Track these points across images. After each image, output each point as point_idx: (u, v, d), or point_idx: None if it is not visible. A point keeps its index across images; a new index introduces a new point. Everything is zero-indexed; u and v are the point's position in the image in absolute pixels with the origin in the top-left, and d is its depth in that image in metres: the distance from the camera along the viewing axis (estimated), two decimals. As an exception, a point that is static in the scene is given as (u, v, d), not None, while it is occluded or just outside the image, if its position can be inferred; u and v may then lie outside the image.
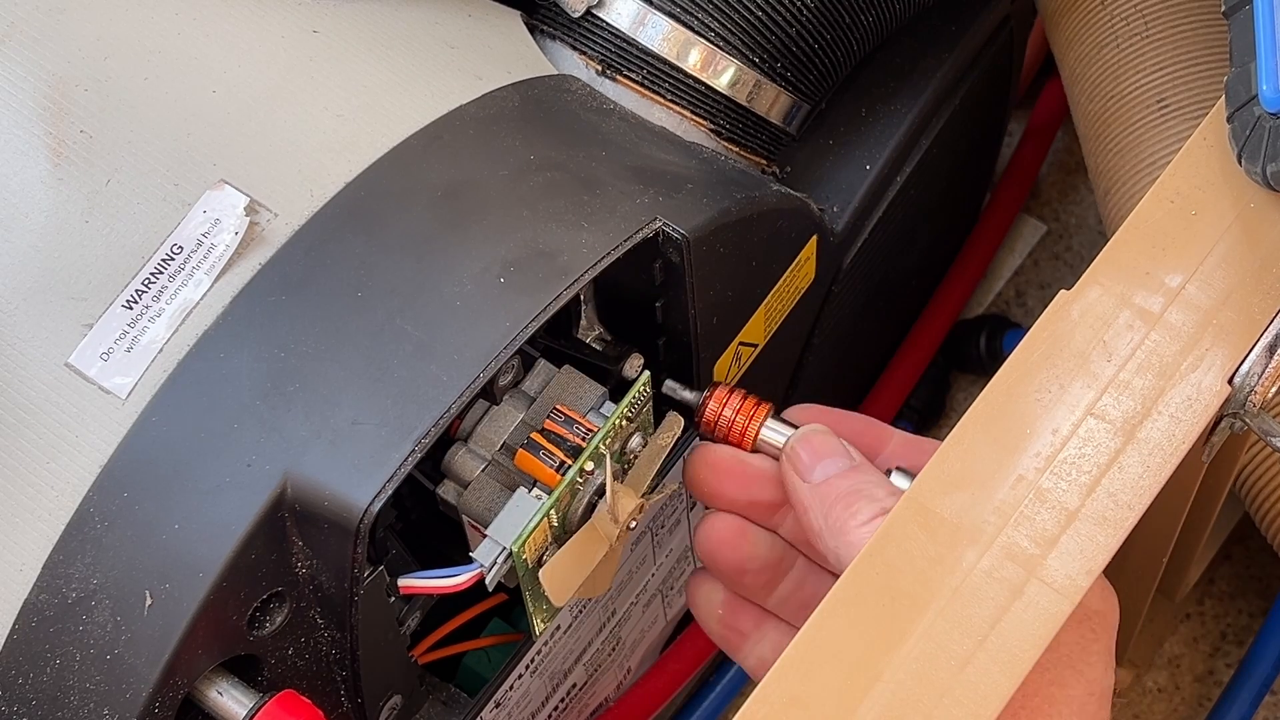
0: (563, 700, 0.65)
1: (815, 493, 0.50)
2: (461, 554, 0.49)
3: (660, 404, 0.54)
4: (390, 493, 0.46)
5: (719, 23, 0.60)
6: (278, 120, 0.53)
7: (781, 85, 0.62)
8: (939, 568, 0.44)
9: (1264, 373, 0.47)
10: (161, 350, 0.49)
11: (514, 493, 0.49)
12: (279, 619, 0.48)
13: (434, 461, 0.51)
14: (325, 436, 0.47)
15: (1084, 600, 0.43)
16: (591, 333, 0.55)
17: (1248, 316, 0.48)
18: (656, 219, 0.52)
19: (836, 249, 0.64)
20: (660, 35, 0.60)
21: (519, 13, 0.62)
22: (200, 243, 0.50)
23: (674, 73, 0.60)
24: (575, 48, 0.61)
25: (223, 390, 0.48)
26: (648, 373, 0.53)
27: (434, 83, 0.55)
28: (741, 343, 0.60)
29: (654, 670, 0.73)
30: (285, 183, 0.51)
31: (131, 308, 0.49)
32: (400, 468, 0.46)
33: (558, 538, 0.50)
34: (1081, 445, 0.46)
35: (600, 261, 0.50)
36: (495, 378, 0.50)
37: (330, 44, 0.55)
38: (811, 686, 0.43)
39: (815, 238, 0.61)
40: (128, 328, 0.49)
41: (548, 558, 0.49)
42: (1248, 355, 0.47)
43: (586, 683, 0.67)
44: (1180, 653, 0.81)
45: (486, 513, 0.49)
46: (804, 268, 0.62)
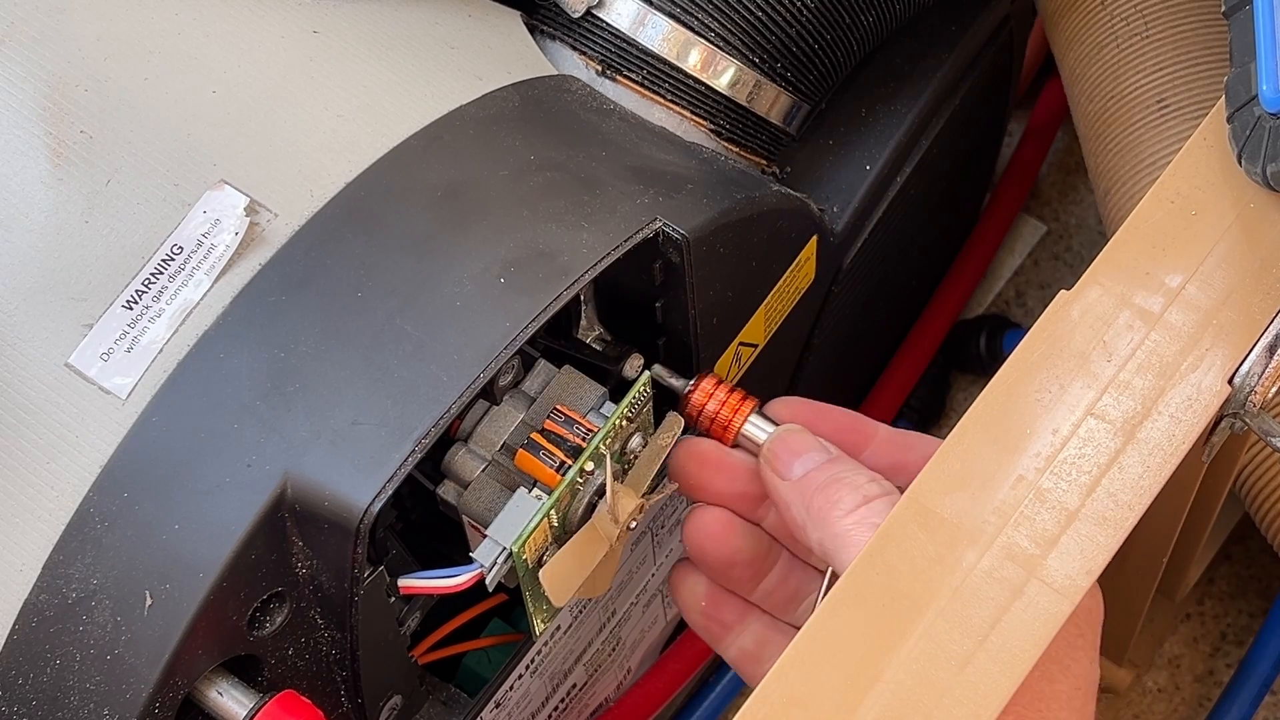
0: (563, 700, 0.65)
1: (795, 488, 0.50)
2: (461, 554, 0.49)
3: (660, 403, 0.54)
4: (390, 493, 0.46)
5: (719, 23, 0.60)
6: (278, 120, 0.53)
7: (781, 85, 0.62)
8: (939, 568, 0.44)
9: (1264, 373, 0.47)
10: (161, 350, 0.49)
11: (514, 493, 0.49)
12: (279, 619, 0.48)
13: (434, 461, 0.51)
14: (325, 437, 0.47)
15: None
16: (591, 333, 0.55)
17: (1248, 316, 0.48)
18: (656, 219, 0.52)
19: (836, 249, 0.64)
20: (660, 35, 0.60)
21: (519, 13, 0.62)
22: (200, 243, 0.50)
23: (674, 73, 0.60)
24: (575, 48, 0.61)
25: (223, 390, 0.48)
26: (648, 373, 0.53)
27: (434, 83, 0.55)
28: (741, 343, 0.60)
29: (654, 670, 0.73)
30: (285, 183, 0.51)
31: (131, 308, 0.49)
32: (400, 468, 0.46)
33: (558, 538, 0.50)
34: (1081, 445, 0.46)
35: (600, 262, 0.50)
36: (495, 378, 0.50)
37: (330, 44, 0.55)
38: (811, 686, 0.43)
39: (815, 238, 0.61)
40: (128, 328, 0.49)
41: (548, 558, 0.49)
42: (1248, 355, 0.47)
43: (586, 683, 0.67)
44: (1180, 653, 0.81)
45: (486, 513, 0.49)
46: (804, 268, 0.62)
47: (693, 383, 0.54)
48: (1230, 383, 0.47)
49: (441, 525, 0.53)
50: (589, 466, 0.50)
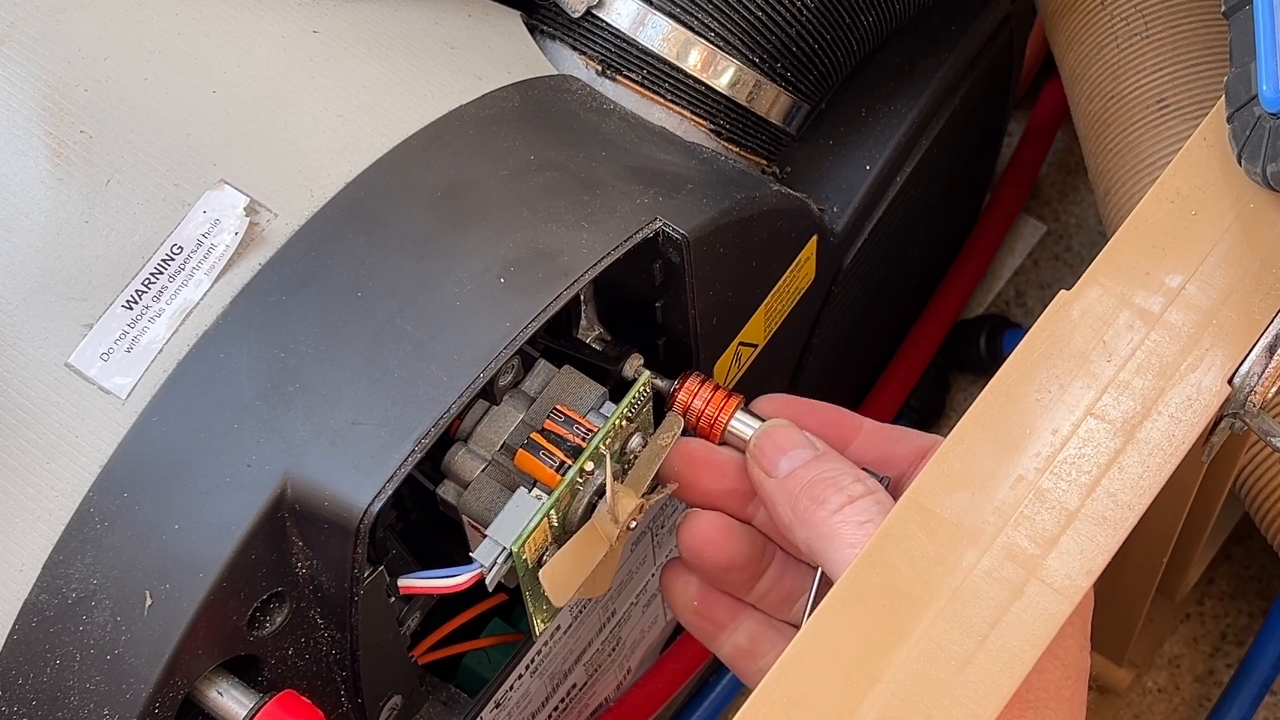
0: (563, 700, 0.65)
1: (781, 487, 0.50)
2: (461, 554, 0.49)
3: (660, 403, 0.54)
4: (390, 493, 0.46)
5: (719, 23, 0.60)
6: (278, 120, 0.53)
7: (781, 85, 0.62)
8: (939, 568, 0.44)
9: (1264, 373, 0.47)
10: (161, 350, 0.49)
11: (514, 493, 0.49)
12: (279, 619, 0.48)
13: (434, 461, 0.51)
14: (325, 437, 0.47)
15: None
16: (591, 333, 0.55)
17: (1248, 316, 0.48)
18: (656, 219, 0.52)
19: (836, 249, 0.64)
20: (660, 35, 0.60)
21: (519, 13, 0.62)
22: (200, 243, 0.50)
23: (674, 73, 0.60)
24: (575, 48, 0.61)
25: (223, 390, 0.48)
26: (648, 373, 0.53)
27: (434, 83, 0.55)
28: (741, 343, 0.60)
29: (654, 670, 0.73)
30: (285, 183, 0.51)
31: (131, 308, 0.49)
32: (400, 468, 0.46)
33: (558, 538, 0.50)
34: (1081, 445, 0.46)
35: (600, 262, 0.50)
36: (495, 378, 0.50)
37: (330, 44, 0.55)
38: (811, 687, 0.43)
39: (815, 238, 0.61)
40: (128, 328, 0.49)
41: (548, 558, 0.49)
42: (1248, 355, 0.47)
43: (586, 683, 0.67)
44: (1180, 653, 0.81)
45: (486, 513, 0.49)
46: (804, 268, 0.62)
47: (677, 383, 0.54)
48: (1230, 383, 0.47)
49: (441, 525, 0.53)
50: (589, 466, 0.50)
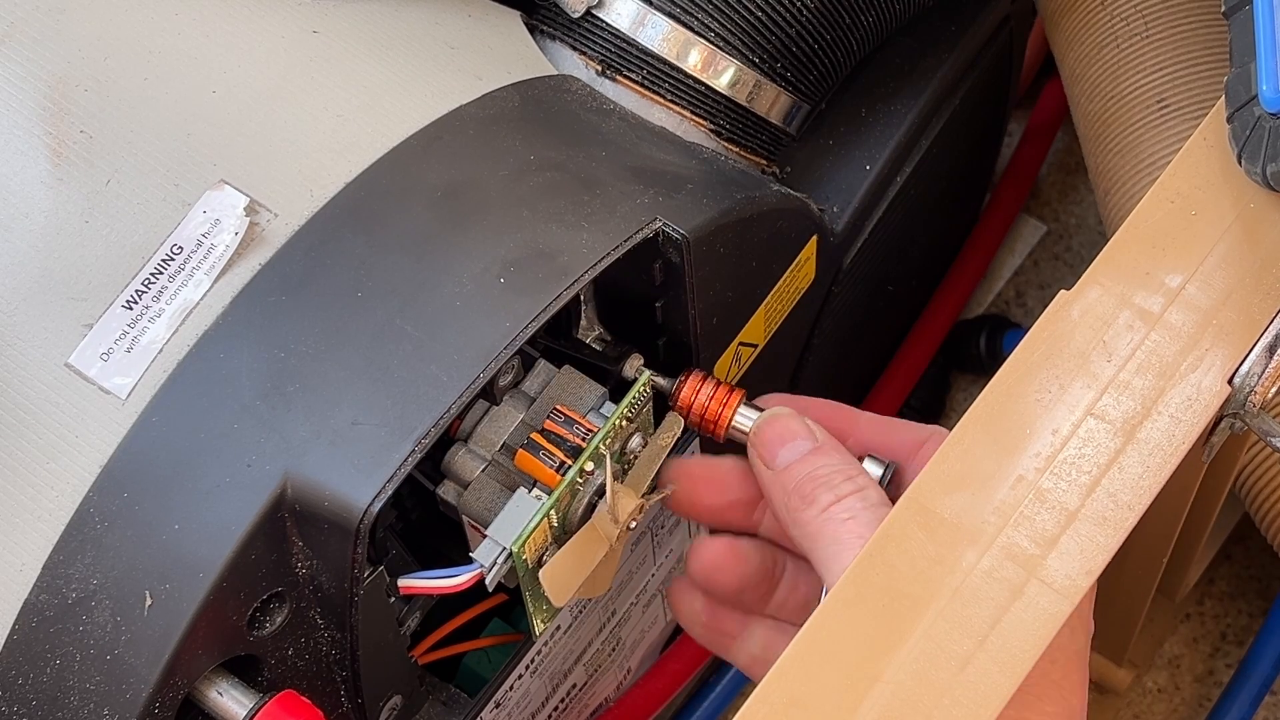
0: (563, 701, 0.65)
1: (777, 481, 0.50)
2: (461, 554, 0.49)
3: (656, 405, 0.54)
4: (390, 493, 0.46)
5: (719, 23, 0.60)
6: (278, 120, 0.53)
7: (781, 85, 0.62)
8: (939, 568, 0.44)
9: (1264, 373, 0.47)
10: (161, 350, 0.49)
11: (514, 493, 0.49)
12: (279, 619, 0.48)
13: (434, 461, 0.51)
14: (325, 437, 0.47)
15: None
16: (591, 333, 0.55)
17: (1248, 316, 0.48)
18: (656, 219, 0.52)
19: (836, 249, 0.64)
20: (660, 35, 0.60)
21: (519, 13, 0.62)
22: (200, 243, 0.50)
23: (674, 73, 0.60)
24: (575, 48, 0.61)
25: (223, 390, 0.48)
26: (648, 373, 0.53)
27: (434, 83, 0.55)
28: (741, 343, 0.60)
29: (654, 670, 0.73)
30: (285, 183, 0.51)
31: (131, 308, 0.49)
32: (400, 468, 0.46)
33: (558, 538, 0.50)
34: (1081, 445, 0.46)
35: (600, 262, 0.50)
36: (495, 378, 0.50)
37: (330, 44, 0.55)
38: (811, 687, 0.43)
39: (815, 238, 0.61)
40: (128, 328, 0.49)
41: (548, 558, 0.49)
42: (1248, 355, 0.47)
43: (586, 683, 0.67)
44: (1180, 653, 0.81)
45: (486, 513, 0.49)
46: (804, 268, 0.62)
47: (679, 381, 0.54)
48: (1230, 383, 0.47)
49: (441, 525, 0.53)
50: (589, 466, 0.50)
